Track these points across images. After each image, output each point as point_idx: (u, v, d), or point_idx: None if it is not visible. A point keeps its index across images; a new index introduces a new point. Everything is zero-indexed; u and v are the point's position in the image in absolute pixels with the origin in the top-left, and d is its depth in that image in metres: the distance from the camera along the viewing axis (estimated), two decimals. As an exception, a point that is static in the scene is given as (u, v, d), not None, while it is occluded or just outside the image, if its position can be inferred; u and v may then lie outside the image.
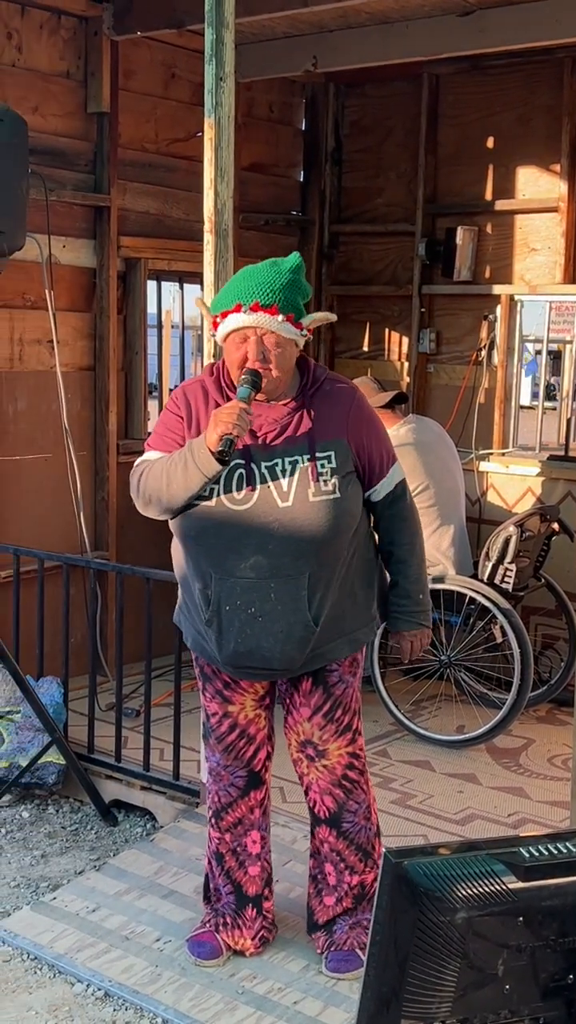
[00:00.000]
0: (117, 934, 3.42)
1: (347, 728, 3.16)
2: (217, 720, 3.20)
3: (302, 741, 3.18)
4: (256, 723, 3.21)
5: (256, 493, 2.96)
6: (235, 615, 3.00)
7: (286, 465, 2.97)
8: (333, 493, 2.98)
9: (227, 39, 3.65)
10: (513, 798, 4.25)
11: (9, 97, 4.70)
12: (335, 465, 2.99)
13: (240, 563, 2.97)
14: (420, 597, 3.23)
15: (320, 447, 2.99)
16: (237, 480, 2.96)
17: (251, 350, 2.93)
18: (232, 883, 3.28)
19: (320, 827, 3.25)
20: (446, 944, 1.54)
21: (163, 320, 6.81)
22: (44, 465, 5.12)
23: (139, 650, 4.40)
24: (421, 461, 4.87)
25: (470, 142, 6.01)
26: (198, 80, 5.20)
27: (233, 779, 3.23)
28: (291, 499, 2.95)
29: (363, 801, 3.22)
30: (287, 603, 2.98)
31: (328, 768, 3.17)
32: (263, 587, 2.97)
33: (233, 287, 2.98)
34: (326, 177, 6.45)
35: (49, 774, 4.38)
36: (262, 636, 3.00)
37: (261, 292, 2.91)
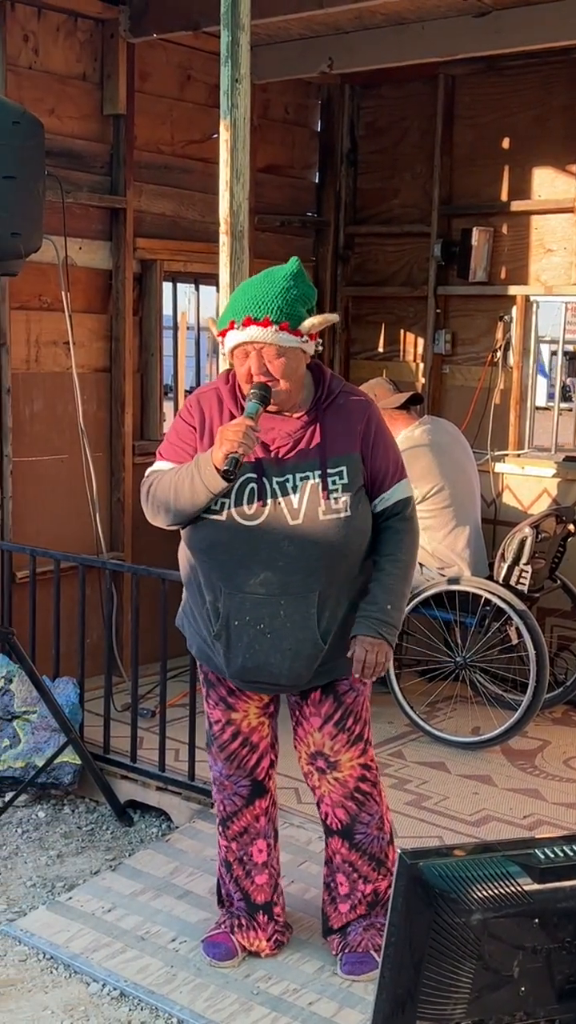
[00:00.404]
0: (133, 934, 3.42)
1: (358, 738, 3.15)
2: (220, 727, 3.19)
3: (312, 753, 3.16)
4: (259, 731, 3.20)
5: (267, 509, 2.94)
6: (244, 630, 2.99)
7: (297, 481, 2.95)
8: (344, 511, 2.96)
9: (243, 41, 3.65)
10: (529, 800, 4.24)
11: (26, 99, 4.71)
12: (346, 481, 2.97)
13: (250, 579, 2.96)
14: (387, 607, 3.02)
15: (332, 463, 2.96)
16: (248, 495, 2.94)
17: (252, 364, 2.91)
18: (241, 891, 3.29)
19: (332, 838, 3.24)
20: (461, 946, 1.54)
21: (179, 322, 6.83)
22: (60, 466, 5.14)
23: (154, 651, 4.41)
24: (436, 462, 4.86)
25: (486, 143, 6.00)
26: (214, 82, 5.22)
27: (237, 788, 3.23)
28: (301, 516, 2.93)
29: (376, 812, 3.20)
30: (296, 620, 2.97)
31: (340, 781, 3.16)
32: (273, 603, 2.96)
33: (231, 304, 2.97)
34: (341, 178, 6.45)
35: (65, 774, 4.39)
36: (271, 652, 2.99)
37: (252, 306, 2.88)
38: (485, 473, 5.67)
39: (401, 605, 3.08)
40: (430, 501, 4.83)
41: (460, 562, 4.86)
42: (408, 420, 5.00)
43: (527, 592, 4.73)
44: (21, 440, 4.96)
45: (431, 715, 4.89)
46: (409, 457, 4.83)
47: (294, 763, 3.36)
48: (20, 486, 4.94)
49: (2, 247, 4.00)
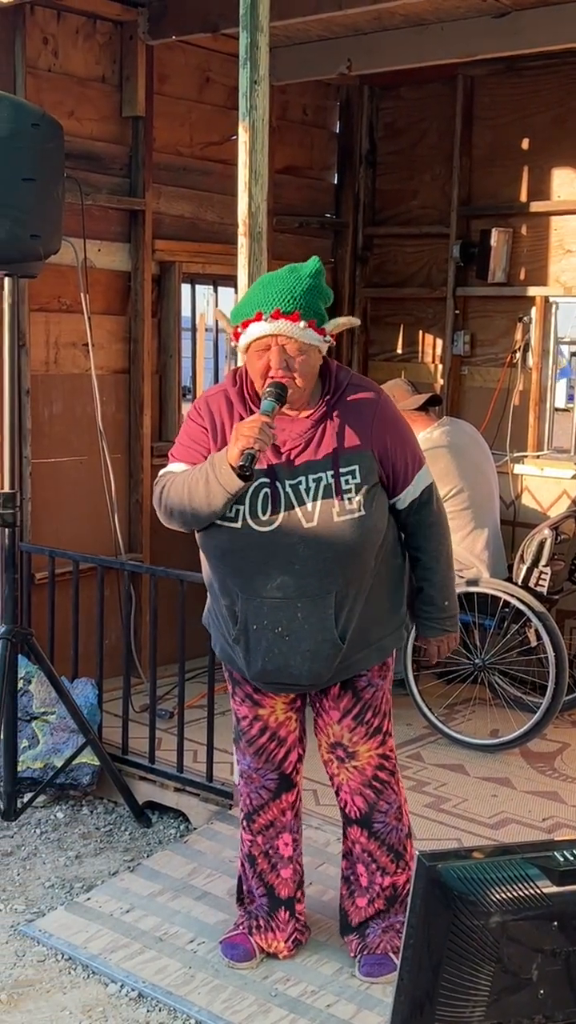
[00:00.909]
0: (151, 935, 3.43)
1: (377, 730, 3.15)
2: (248, 723, 3.20)
3: (332, 743, 3.18)
4: (287, 725, 3.20)
5: (281, 514, 2.92)
6: (262, 634, 3.00)
7: (310, 483, 2.93)
8: (358, 511, 2.94)
9: (261, 42, 3.65)
10: (548, 802, 4.22)
11: (45, 102, 4.73)
12: (359, 480, 2.94)
13: (267, 583, 2.96)
14: (446, 604, 3.19)
15: (344, 461, 2.94)
16: (263, 501, 2.93)
17: (273, 358, 2.88)
18: (264, 885, 3.29)
19: (352, 827, 3.25)
20: (480, 948, 1.54)
21: (197, 323, 6.83)
22: (79, 467, 5.15)
23: (173, 652, 4.41)
24: (455, 464, 4.85)
25: (505, 144, 5.99)
26: (232, 83, 5.23)
27: (264, 781, 3.23)
28: (315, 519, 2.92)
29: (394, 801, 3.21)
30: (314, 622, 2.97)
31: (358, 769, 3.17)
32: (290, 607, 2.96)
33: (252, 296, 2.93)
34: (360, 179, 6.44)
35: (83, 775, 4.40)
36: (290, 655, 2.99)
37: (281, 299, 2.85)
38: (504, 475, 5.66)
39: (454, 592, 3.25)
40: (449, 503, 4.82)
41: (479, 564, 4.85)
42: (427, 421, 5.00)
43: (546, 594, 4.71)
44: (40, 442, 4.97)
45: (450, 717, 4.88)
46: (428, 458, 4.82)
47: (313, 765, 3.36)
48: (39, 487, 4.96)
49: (22, 249, 4.01)
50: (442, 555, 3.17)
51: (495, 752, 4.64)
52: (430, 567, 3.15)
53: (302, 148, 6.25)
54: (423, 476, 3.11)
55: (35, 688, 4.50)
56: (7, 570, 4.22)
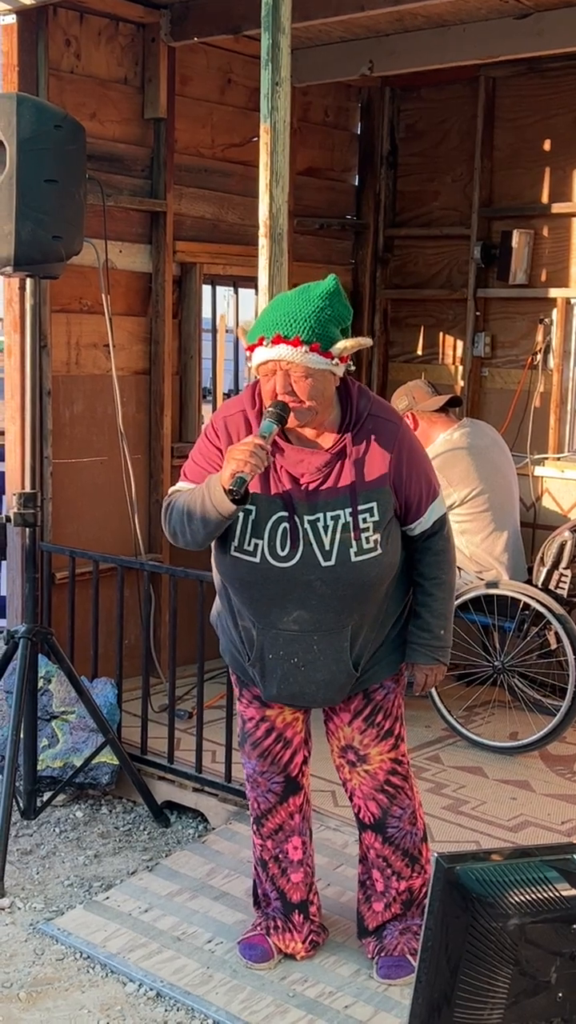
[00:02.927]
0: (169, 935, 3.43)
1: (388, 733, 3.15)
2: (254, 724, 3.20)
3: (343, 746, 3.17)
4: (293, 727, 3.20)
5: (300, 550, 2.90)
6: (278, 664, 3.01)
7: (328, 521, 2.90)
8: (375, 550, 2.92)
9: (283, 44, 3.66)
10: (567, 805, 4.21)
11: (67, 103, 4.75)
12: (377, 518, 2.92)
13: (283, 616, 2.96)
14: (441, 632, 3.12)
15: (362, 498, 2.91)
16: (281, 536, 2.91)
17: (278, 383, 2.83)
18: (277, 890, 3.29)
19: (366, 833, 3.24)
20: (498, 951, 1.53)
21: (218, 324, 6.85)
22: (100, 468, 5.17)
23: (192, 652, 4.42)
24: (475, 466, 4.85)
25: (527, 145, 5.97)
26: (254, 85, 5.23)
27: (271, 785, 3.23)
28: (333, 558, 2.90)
29: (407, 806, 3.20)
30: (329, 654, 2.98)
31: (370, 773, 3.16)
32: (306, 639, 2.97)
33: (261, 319, 2.89)
34: (381, 181, 6.44)
35: (103, 774, 4.41)
36: (305, 684, 3.02)
37: (283, 324, 2.79)
38: (524, 476, 5.64)
39: (451, 623, 3.17)
40: (469, 504, 4.82)
41: (499, 566, 4.84)
42: (447, 423, 4.99)
43: (566, 596, 4.69)
44: (61, 442, 4.99)
45: (469, 719, 4.87)
46: (448, 460, 4.82)
47: (331, 766, 3.35)
48: (60, 488, 4.98)
49: (44, 250, 4.03)
50: (444, 584, 3.11)
51: (514, 755, 4.63)
52: (431, 593, 3.10)
53: (323, 150, 6.25)
54: (436, 507, 3.07)
55: (55, 687, 4.52)
56: (28, 570, 4.24)
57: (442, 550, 3.10)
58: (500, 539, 4.86)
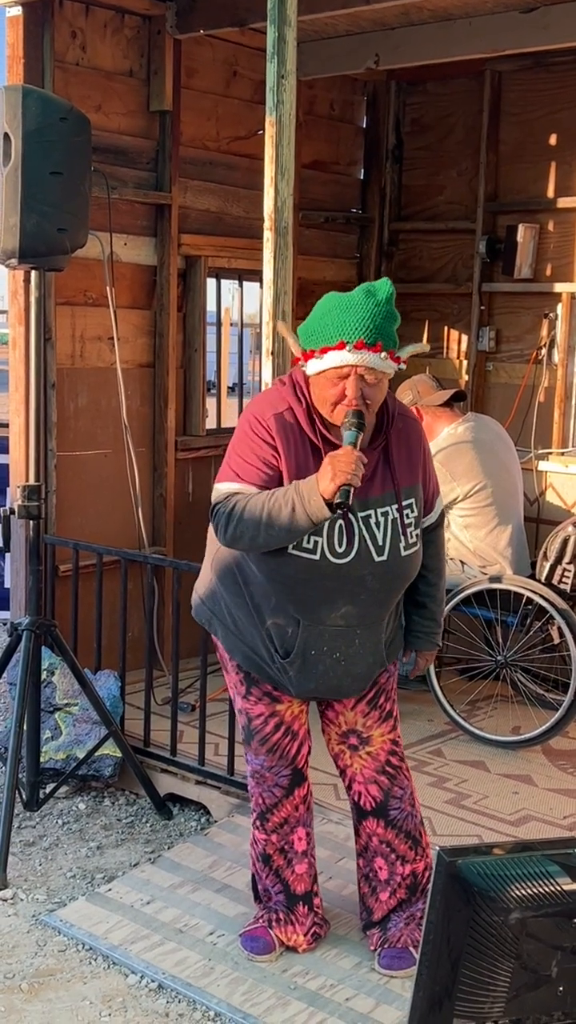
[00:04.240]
0: (171, 927, 3.44)
1: (389, 715, 3.22)
2: (262, 721, 3.20)
3: (344, 732, 3.21)
4: (299, 719, 3.23)
5: (356, 547, 2.94)
6: (319, 660, 3.04)
7: (379, 517, 2.97)
8: (416, 544, 3.04)
9: (289, 37, 3.65)
10: (569, 800, 4.21)
11: (73, 96, 4.75)
12: (416, 513, 3.04)
13: (331, 612, 3.00)
14: (440, 619, 3.32)
15: (404, 495, 3.00)
16: (339, 533, 2.93)
17: (351, 388, 2.83)
18: (281, 882, 3.29)
19: (367, 820, 3.25)
20: (499, 944, 1.54)
21: (222, 318, 6.84)
22: (104, 461, 5.17)
23: (195, 645, 4.43)
24: (479, 460, 4.84)
25: (532, 139, 5.96)
26: (260, 78, 5.23)
27: (278, 779, 3.23)
28: (386, 553, 2.97)
29: (407, 787, 3.26)
30: (369, 647, 3.07)
31: (372, 755, 3.21)
32: (350, 633, 3.03)
33: (332, 321, 2.84)
34: (386, 175, 6.43)
35: (105, 766, 4.42)
36: (343, 678, 3.07)
37: (365, 329, 2.80)
38: (528, 471, 5.64)
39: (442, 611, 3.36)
40: (472, 499, 4.82)
41: (502, 560, 4.84)
42: (451, 417, 4.99)
43: (569, 591, 4.69)
44: (65, 435, 5.00)
45: (471, 714, 4.87)
46: (452, 454, 4.82)
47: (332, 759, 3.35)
48: (64, 480, 4.98)
49: (48, 243, 4.03)
50: (442, 572, 3.28)
51: (516, 749, 4.63)
52: (435, 584, 3.24)
53: (329, 143, 6.25)
54: (440, 501, 3.24)
55: (58, 680, 4.53)
56: (32, 562, 4.25)
57: (440, 542, 3.26)
58: (504, 534, 4.86)
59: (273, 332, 3.78)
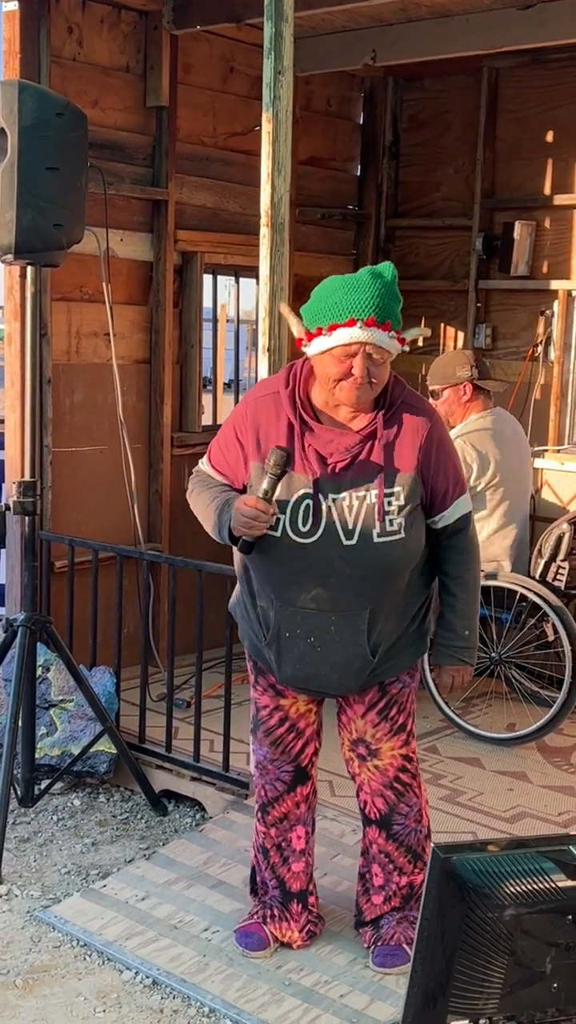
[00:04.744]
0: (166, 923, 3.44)
1: (401, 728, 3.14)
2: (268, 713, 3.20)
3: (354, 739, 3.16)
4: (306, 718, 3.20)
5: (322, 527, 2.92)
6: (294, 643, 3.01)
7: (353, 500, 2.92)
8: (398, 533, 2.93)
9: (286, 33, 3.65)
10: (564, 797, 4.22)
11: (69, 91, 4.73)
12: (403, 502, 2.93)
13: (301, 594, 2.97)
14: (466, 633, 3.12)
15: (389, 480, 2.92)
16: (304, 512, 2.92)
17: (359, 366, 2.84)
18: (277, 878, 3.30)
19: (370, 828, 3.23)
20: (494, 941, 1.54)
21: (218, 314, 6.83)
22: (99, 457, 5.17)
23: (190, 642, 4.43)
24: (500, 452, 4.81)
25: (529, 136, 5.96)
26: (256, 74, 5.22)
27: (279, 773, 3.23)
28: (355, 537, 2.91)
29: (415, 804, 3.19)
30: (347, 636, 2.98)
31: (380, 769, 3.15)
32: (324, 619, 2.97)
33: (338, 299, 2.85)
34: (383, 171, 6.43)
35: (100, 763, 4.42)
36: (320, 665, 3.01)
37: (374, 307, 2.82)
38: (524, 468, 5.64)
39: (476, 623, 3.16)
40: (487, 492, 4.77)
41: (504, 559, 4.82)
42: (483, 405, 4.93)
43: (564, 588, 4.69)
44: (61, 431, 4.99)
45: (466, 711, 4.87)
46: (475, 440, 4.78)
47: (330, 756, 3.36)
48: (59, 476, 4.98)
49: (45, 238, 4.02)
50: (468, 583, 3.12)
51: (511, 746, 4.63)
52: (454, 593, 3.11)
53: (325, 139, 6.24)
54: (462, 503, 3.07)
55: (53, 676, 4.52)
56: (27, 558, 4.24)
57: (466, 549, 3.10)
58: (511, 533, 4.84)
59: (269, 329, 3.78)
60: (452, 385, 4.88)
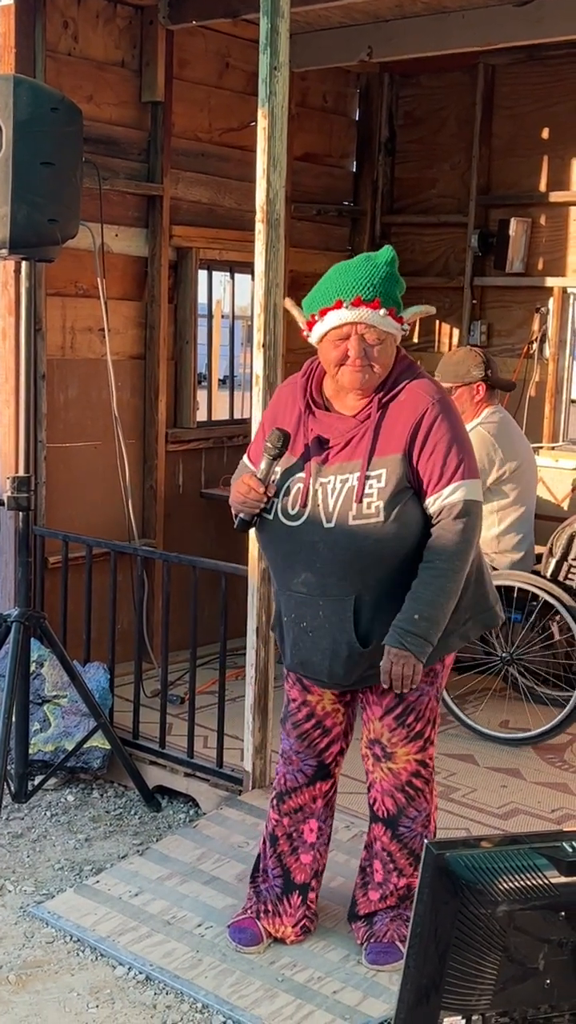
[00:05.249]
0: (159, 919, 3.44)
1: (418, 735, 3.11)
2: (296, 706, 3.21)
3: (371, 739, 3.15)
4: (334, 716, 3.19)
5: (307, 510, 2.94)
6: (291, 627, 3.06)
7: (336, 484, 2.92)
8: (375, 516, 2.86)
9: (282, 28, 3.64)
10: (557, 794, 4.22)
11: (64, 86, 4.72)
12: (383, 485, 2.87)
13: (293, 578, 3.00)
14: (415, 617, 2.88)
15: (373, 464, 2.89)
16: (294, 496, 2.96)
17: (353, 347, 2.86)
18: (282, 867, 3.28)
19: (376, 824, 3.22)
20: (487, 937, 1.54)
21: (213, 310, 6.83)
22: (94, 453, 5.16)
23: (184, 638, 4.43)
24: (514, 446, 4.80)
25: (525, 133, 5.96)
26: (252, 69, 5.19)
27: (302, 766, 3.23)
28: (334, 520, 2.91)
29: (424, 809, 3.17)
30: (335, 622, 2.97)
31: (393, 772, 3.14)
32: (313, 603, 2.99)
33: (329, 284, 2.90)
34: (379, 167, 6.43)
35: (94, 758, 4.42)
36: (312, 650, 3.03)
37: (361, 287, 2.83)
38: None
39: (434, 614, 2.89)
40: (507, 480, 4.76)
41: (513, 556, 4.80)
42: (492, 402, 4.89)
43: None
44: (55, 426, 4.98)
45: (460, 707, 4.84)
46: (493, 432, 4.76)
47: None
48: (53, 472, 4.97)
49: (39, 233, 4.01)
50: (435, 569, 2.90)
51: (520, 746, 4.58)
52: (424, 580, 2.90)
53: (321, 135, 6.24)
54: (459, 490, 2.89)
55: (47, 671, 4.52)
56: (21, 554, 4.24)
57: (445, 536, 2.90)
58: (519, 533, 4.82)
59: (264, 325, 3.78)
60: (467, 384, 4.84)
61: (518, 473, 4.79)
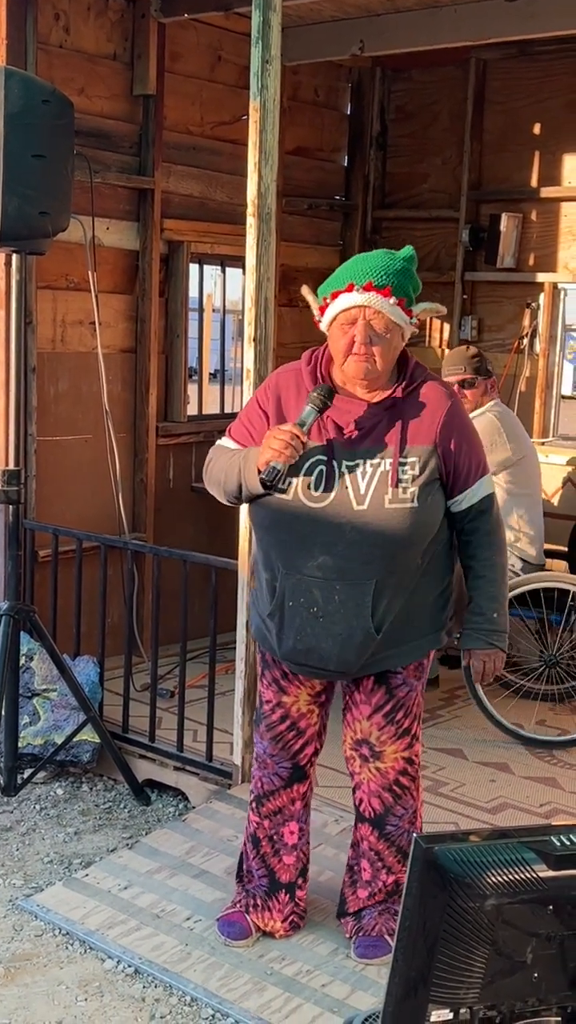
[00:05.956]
0: (148, 912, 3.45)
1: (406, 732, 3.12)
2: (270, 708, 3.19)
3: (358, 740, 3.14)
4: (308, 718, 3.18)
5: (334, 492, 2.90)
6: (297, 612, 2.98)
7: (367, 467, 2.90)
8: (411, 502, 2.89)
9: (274, 22, 3.64)
10: (546, 788, 4.24)
11: (56, 78, 4.71)
12: (417, 472, 2.90)
13: (308, 561, 2.93)
14: (494, 616, 3.06)
15: (405, 451, 2.90)
16: (316, 477, 2.91)
17: (359, 333, 2.85)
18: (266, 868, 3.29)
19: (363, 825, 3.22)
20: (475, 931, 1.54)
21: (204, 304, 6.82)
22: (84, 446, 5.15)
23: (174, 632, 4.42)
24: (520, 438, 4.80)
25: (517, 128, 5.96)
26: (244, 63, 5.20)
27: (278, 769, 3.22)
28: (367, 502, 2.89)
29: (410, 806, 3.17)
30: (351, 607, 2.93)
31: (381, 771, 3.13)
32: (328, 587, 2.93)
33: (346, 269, 2.91)
34: (370, 162, 6.42)
35: (84, 752, 4.42)
36: (322, 637, 2.96)
37: (375, 273, 2.84)
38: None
39: (505, 607, 3.10)
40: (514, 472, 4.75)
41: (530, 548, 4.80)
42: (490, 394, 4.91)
43: None
44: (46, 420, 4.97)
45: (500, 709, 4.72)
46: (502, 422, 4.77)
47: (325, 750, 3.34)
48: (44, 466, 4.96)
49: (30, 226, 4.00)
50: (496, 566, 3.07)
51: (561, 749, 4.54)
52: (482, 575, 3.06)
53: (313, 129, 6.23)
54: (483, 485, 3.03)
55: (37, 665, 4.52)
56: (11, 547, 4.23)
57: (492, 531, 3.05)
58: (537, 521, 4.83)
59: (256, 318, 3.77)
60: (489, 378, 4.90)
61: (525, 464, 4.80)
